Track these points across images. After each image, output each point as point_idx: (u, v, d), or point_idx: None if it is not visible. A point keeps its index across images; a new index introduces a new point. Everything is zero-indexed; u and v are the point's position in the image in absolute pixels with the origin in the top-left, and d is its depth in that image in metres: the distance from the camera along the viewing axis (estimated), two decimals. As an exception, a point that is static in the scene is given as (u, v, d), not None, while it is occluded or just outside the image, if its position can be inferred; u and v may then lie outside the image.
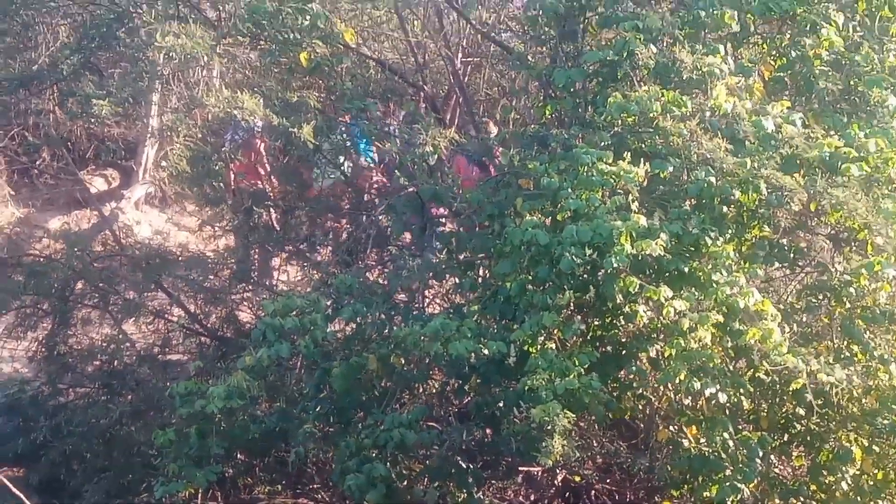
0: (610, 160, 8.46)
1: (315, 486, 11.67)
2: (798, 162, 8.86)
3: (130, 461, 10.83)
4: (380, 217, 11.18)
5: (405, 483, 9.20)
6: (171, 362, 12.37)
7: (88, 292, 12.14)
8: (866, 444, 9.24)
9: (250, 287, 12.48)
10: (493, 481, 10.81)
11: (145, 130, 16.15)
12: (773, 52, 10.15)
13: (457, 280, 10.11)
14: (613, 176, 8.34)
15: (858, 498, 9.20)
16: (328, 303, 9.39)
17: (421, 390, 9.87)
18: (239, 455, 10.22)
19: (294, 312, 8.92)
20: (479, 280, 9.74)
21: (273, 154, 12.88)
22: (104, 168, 18.22)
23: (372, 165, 12.34)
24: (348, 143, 11.39)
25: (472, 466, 9.32)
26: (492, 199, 9.64)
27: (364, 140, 11.49)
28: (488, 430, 9.48)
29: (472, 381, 9.20)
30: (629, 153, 8.61)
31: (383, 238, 11.46)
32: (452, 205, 10.39)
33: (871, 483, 9.29)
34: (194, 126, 11.86)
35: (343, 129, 11.23)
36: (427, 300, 10.90)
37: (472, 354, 8.56)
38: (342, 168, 11.78)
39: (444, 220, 11.11)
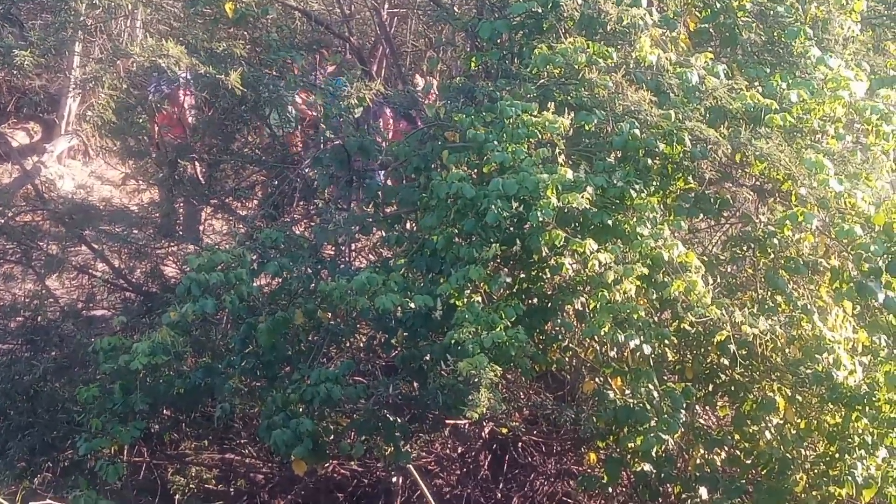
0: (535, 112, 8.44)
1: (241, 441, 11.67)
2: (722, 114, 8.88)
3: (54, 418, 10.68)
4: (306, 170, 11.10)
5: (332, 437, 9.20)
6: (96, 318, 12.26)
7: (10, 247, 11.99)
8: (789, 394, 9.35)
9: (175, 242, 12.36)
10: (421, 435, 10.85)
11: (68, 82, 15.86)
12: (698, 4, 10.16)
13: (383, 234, 10.05)
14: (538, 127, 8.32)
15: (781, 447, 9.31)
16: (254, 257, 9.32)
17: (348, 345, 9.87)
18: (164, 411, 10.16)
19: (219, 267, 8.83)
20: (406, 234, 9.70)
21: (198, 106, 12.72)
22: (26, 121, 17.94)
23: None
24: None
25: (399, 420, 9.31)
26: (418, 151, 9.58)
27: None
28: (415, 384, 9.45)
29: (399, 335, 9.18)
30: (554, 105, 8.59)
31: (310, 191, 11.39)
32: (378, 157, 10.33)
33: (794, 432, 9.40)
34: (118, 77, 11.69)
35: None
36: (354, 254, 10.86)
37: (399, 308, 8.55)
38: (268, 121, 11.68)
39: (371, 172, 11.06)
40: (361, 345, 10.08)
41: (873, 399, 8.83)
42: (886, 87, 9.32)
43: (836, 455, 9.26)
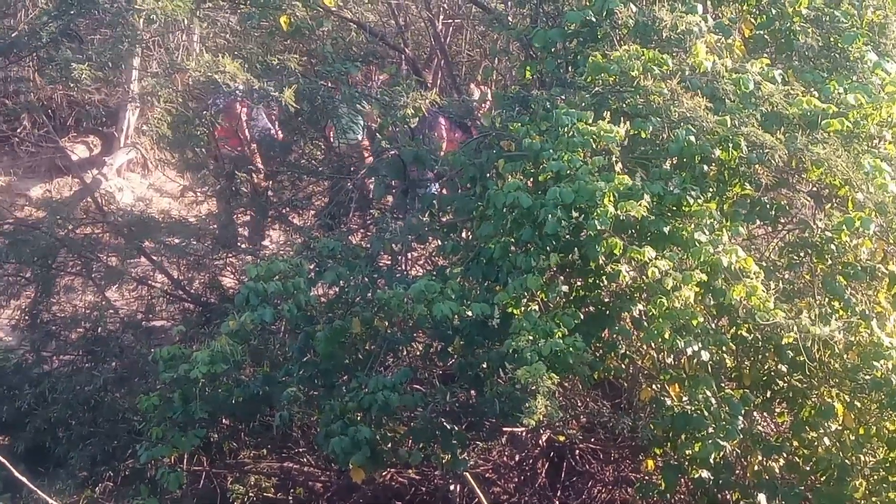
0: (590, 120, 8.45)
1: (300, 449, 11.73)
2: (778, 119, 8.86)
3: (115, 427, 10.84)
4: (362, 180, 11.17)
5: (389, 445, 9.21)
6: (155, 328, 12.38)
7: (71, 260, 12.14)
8: (848, 400, 9.29)
9: (234, 253, 12.46)
10: (478, 442, 10.88)
11: (126, 96, 16.06)
12: (753, 10, 10.15)
13: (439, 242, 10.09)
14: (594, 136, 8.33)
15: (840, 453, 9.25)
16: (311, 267, 9.38)
17: (405, 353, 9.89)
18: (223, 419, 10.26)
19: (277, 277, 8.90)
20: (462, 242, 9.72)
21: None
22: (85, 135, 18.16)
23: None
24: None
25: (456, 428, 9.33)
26: (473, 160, 9.61)
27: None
28: (472, 392, 9.48)
29: (456, 343, 9.20)
30: (609, 113, 8.61)
31: (366, 201, 11.45)
32: (434, 167, 10.37)
33: (853, 438, 9.33)
34: (175, 91, 11.81)
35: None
36: (410, 263, 10.90)
37: (456, 316, 8.56)
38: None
39: (427, 182, 11.11)
40: (418, 353, 10.11)
41: (933, 405, 8.79)
42: (945, 91, 9.25)
43: (896, 461, 9.22)
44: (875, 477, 9.31)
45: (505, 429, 10.35)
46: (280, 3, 10.40)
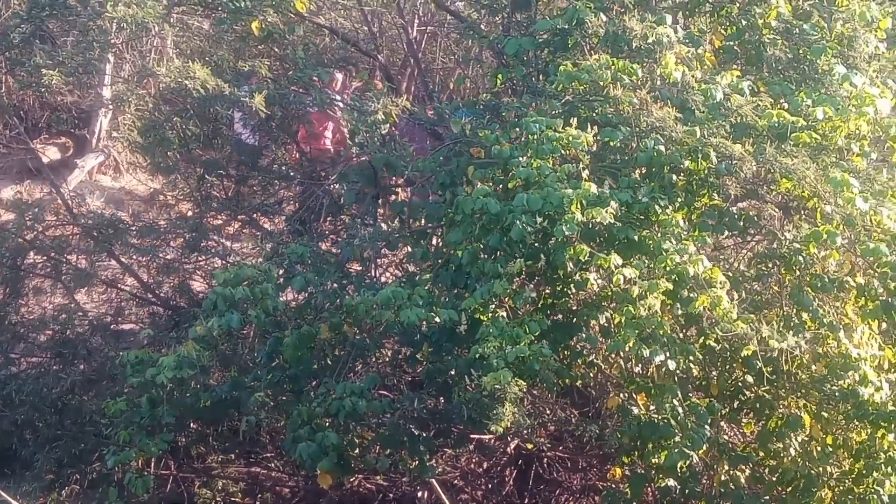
0: (560, 128, 8.47)
1: (267, 454, 11.74)
2: (747, 130, 8.90)
3: (82, 430, 10.80)
4: (333, 186, 11.16)
5: (357, 451, 9.24)
6: (124, 332, 12.35)
7: (40, 262, 12.07)
8: (815, 411, 9.31)
9: (203, 256, 12.43)
10: (446, 449, 10.88)
11: (98, 99, 16.02)
12: (724, 22, 10.20)
13: (409, 249, 10.10)
14: (563, 142, 8.35)
15: (807, 464, 9.27)
16: (280, 272, 9.38)
17: (373, 359, 9.87)
18: (191, 424, 10.23)
19: (246, 282, 8.89)
20: (432, 249, 9.74)
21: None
22: (57, 137, 18.11)
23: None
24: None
25: (424, 434, 9.33)
26: (444, 167, 9.63)
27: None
28: (440, 398, 9.49)
29: (424, 349, 9.21)
30: (579, 121, 8.63)
31: (336, 207, 11.44)
32: (405, 174, 10.39)
33: (820, 449, 9.35)
34: (147, 95, 11.79)
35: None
36: (379, 270, 10.90)
37: (424, 323, 8.59)
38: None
39: (397, 189, 11.12)
40: (387, 359, 10.11)
41: (900, 416, 8.83)
42: (912, 104, 9.32)
43: (862, 472, 9.23)
44: (841, 488, 9.34)
45: (473, 436, 10.35)
46: (252, 8, 10.38)
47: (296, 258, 9.48)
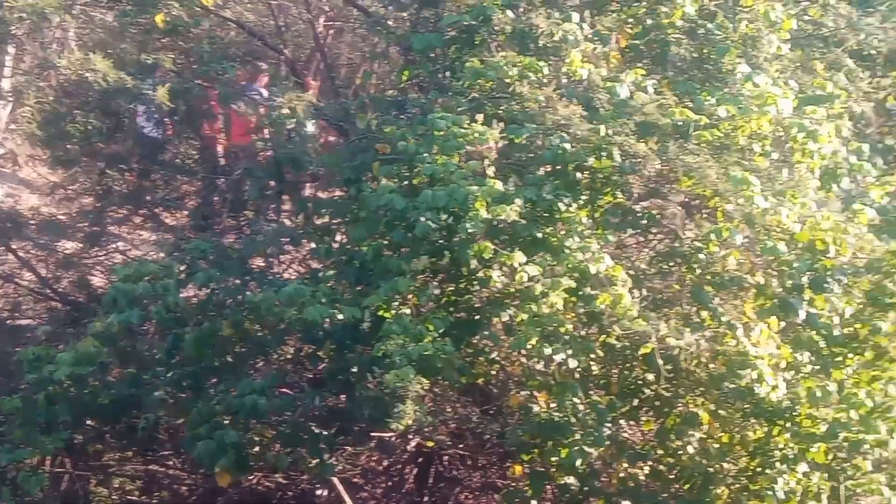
0: (466, 125, 8.46)
1: (166, 452, 11.58)
2: (651, 129, 8.93)
3: (-23, 428, 10.61)
4: (236, 181, 11.06)
5: (257, 449, 9.14)
6: (21, 327, 12.16)
7: (-64, 255, 11.87)
8: (713, 409, 9.38)
9: (103, 251, 12.27)
10: (346, 447, 10.82)
11: (-3, 91, 15.78)
12: (630, 20, 10.24)
13: (313, 245, 10.04)
14: (468, 139, 8.33)
15: (704, 461, 9.35)
16: (182, 268, 9.28)
17: (275, 356, 9.79)
18: (88, 422, 10.04)
19: (146, 278, 8.80)
20: (335, 245, 9.68)
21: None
22: (-45, 129, 17.78)
23: None
24: None
25: (324, 432, 9.26)
26: (349, 163, 9.57)
27: None
28: (342, 396, 9.43)
29: (327, 346, 9.15)
30: (486, 118, 8.62)
31: (240, 203, 11.34)
32: (309, 169, 10.32)
33: (717, 447, 9.43)
34: (48, 87, 11.62)
35: None
36: (283, 266, 10.82)
37: (327, 320, 8.52)
38: None
39: (301, 184, 11.04)
40: (288, 356, 10.02)
41: (795, 414, 8.91)
42: (813, 105, 9.40)
43: (758, 469, 9.32)
44: (737, 485, 9.42)
45: (374, 434, 10.29)
46: (156, 1, 10.26)
47: (198, 254, 9.40)
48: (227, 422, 8.70)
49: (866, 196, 9.44)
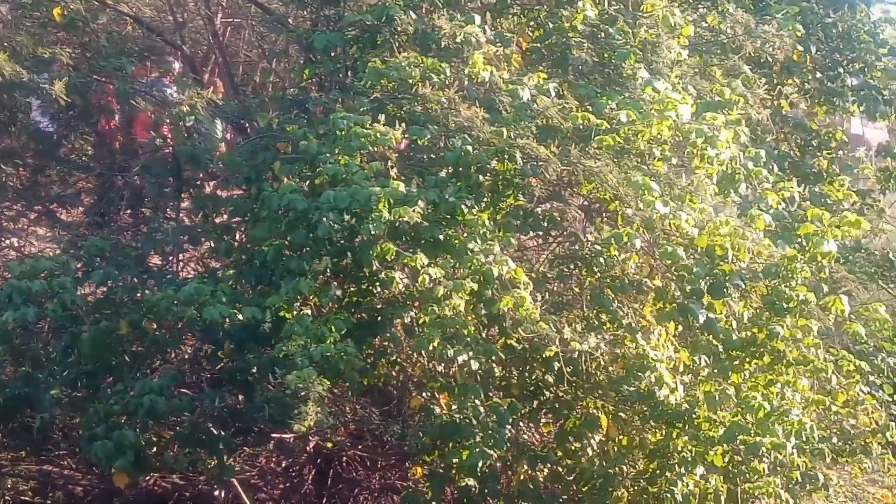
0: (368, 125, 8.44)
1: (61, 452, 11.40)
2: (553, 132, 8.98)
3: None
4: (135, 178, 10.93)
5: (155, 450, 9.04)
6: None
7: None
8: (612, 411, 9.48)
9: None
10: (245, 448, 10.75)
11: None
12: (531, 23, 10.29)
13: (212, 244, 9.95)
14: (370, 139, 8.32)
15: (604, 463, 9.43)
16: (79, 265, 9.17)
17: (173, 356, 9.69)
18: (-21, 421, 9.90)
19: (42, 275, 8.66)
20: (236, 244, 9.62)
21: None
22: None
23: None
24: None
25: (223, 433, 9.18)
26: (249, 162, 9.51)
27: None
28: (241, 397, 9.37)
29: (226, 346, 9.07)
30: (388, 119, 8.61)
31: (138, 200, 11.21)
32: (209, 167, 10.23)
33: (616, 449, 9.53)
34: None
35: None
36: (181, 264, 10.72)
37: (227, 320, 8.46)
38: None
39: (201, 182, 10.94)
40: (187, 356, 9.93)
41: (693, 417, 9.03)
42: (711, 111, 9.51)
43: (657, 472, 9.42)
44: (636, 487, 9.52)
45: (273, 435, 10.24)
46: (53, -7, 10.13)
47: (95, 251, 9.28)
48: (125, 422, 8.58)
49: (763, 201, 9.57)
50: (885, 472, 11.33)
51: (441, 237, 8.38)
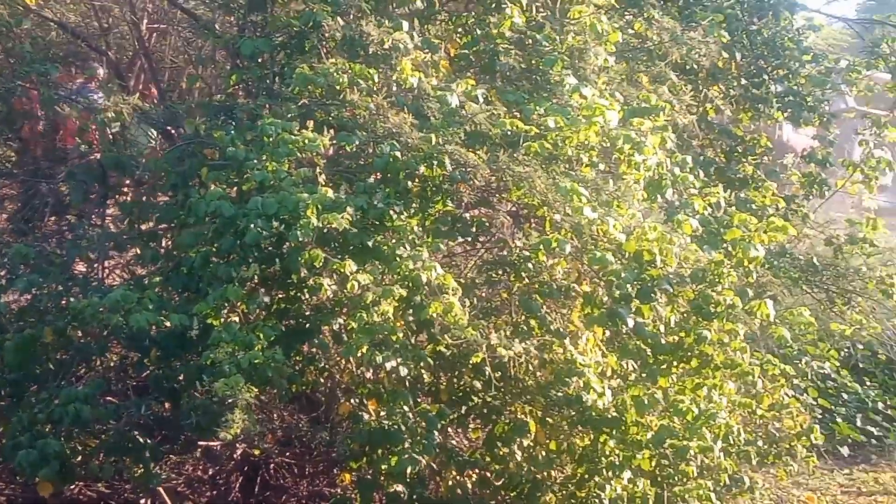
0: (296, 131, 8.41)
1: (-18, 462, 11.25)
2: (481, 138, 8.99)
3: None
4: (59, 184, 10.83)
5: (80, 458, 8.96)
6: None
7: None
8: (540, 416, 9.51)
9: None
10: (172, 456, 10.67)
11: None
12: (459, 30, 10.31)
13: (138, 251, 9.88)
14: (298, 146, 8.29)
15: (532, 468, 9.46)
16: (2, 273, 9.10)
17: (99, 364, 9.60)
18: None
19: (-35, 283, 8.57)
20: (162, 251, 9.55)
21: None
22: None
23: None
24: None
25: (149, 441, 9.13)
26: (176, 168, 9.44)
27: None
28: (168, 405, 9.30)
29: (153, 354, 9.01)
30: (316, 125, 8.58)
31: (62, 206, 11.10)
32: (135, 173, 10.16)
33: (544, 454, 9.56)
34: None
35: None
36: (107, 271, 10.62)
37: (154, 327, 8.39)
38: None
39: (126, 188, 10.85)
40: (113, 364, 9.84)
41: (621, 422, 9.08)
42: (638, 117, 9.56)
43: (585, 476, 9.47)
44: (564, 492, 9.56)
45: (200, 442, 10.17)
46: (-24, -2, 10.02)
47: (19, 259, 9.18)
48: (50, 430, 8.51)
49: (689, 207, 9.63)
50: (809, 475, 11.48)
51: (370, 243, 8.36)
